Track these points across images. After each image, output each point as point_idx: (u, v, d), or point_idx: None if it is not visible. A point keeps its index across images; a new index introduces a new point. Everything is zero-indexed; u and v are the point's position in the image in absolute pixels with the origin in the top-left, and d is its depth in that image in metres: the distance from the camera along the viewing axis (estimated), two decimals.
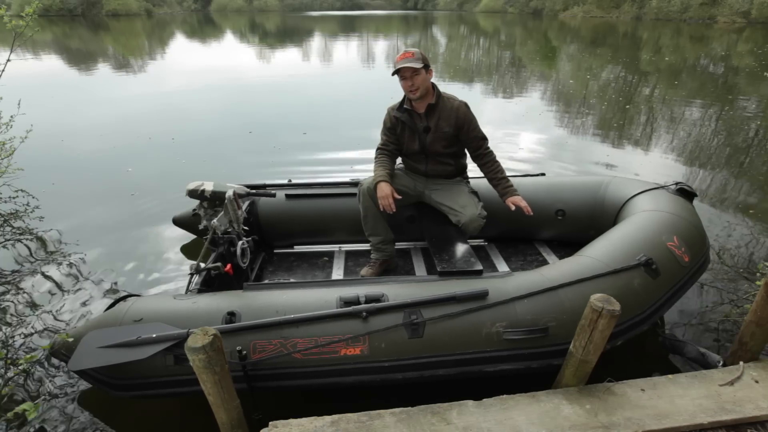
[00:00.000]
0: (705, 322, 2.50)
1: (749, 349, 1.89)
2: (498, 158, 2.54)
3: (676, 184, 2.58)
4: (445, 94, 2.41)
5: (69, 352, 1.75)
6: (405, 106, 2.42)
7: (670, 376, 1.81)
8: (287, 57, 15.46)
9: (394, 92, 2.37)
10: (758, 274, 2.82)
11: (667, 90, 8.95)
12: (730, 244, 3.25)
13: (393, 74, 2.31)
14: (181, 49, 18.03)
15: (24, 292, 2.79)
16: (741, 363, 1.86)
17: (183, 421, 1.95)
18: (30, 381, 2.13)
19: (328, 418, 1.62)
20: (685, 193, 2.55)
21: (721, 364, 2.01)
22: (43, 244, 3.34)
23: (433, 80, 2.38)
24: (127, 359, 1.61)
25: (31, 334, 2.43)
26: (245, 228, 2.37)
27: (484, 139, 2.47)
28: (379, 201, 2.36)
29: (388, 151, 2.53)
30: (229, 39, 22.83)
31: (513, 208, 2.39)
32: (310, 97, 8.50)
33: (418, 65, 2.23)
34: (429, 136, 2.43)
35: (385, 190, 2.35)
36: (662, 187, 2.58)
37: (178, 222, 3.15)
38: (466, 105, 2.40)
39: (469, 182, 2.67)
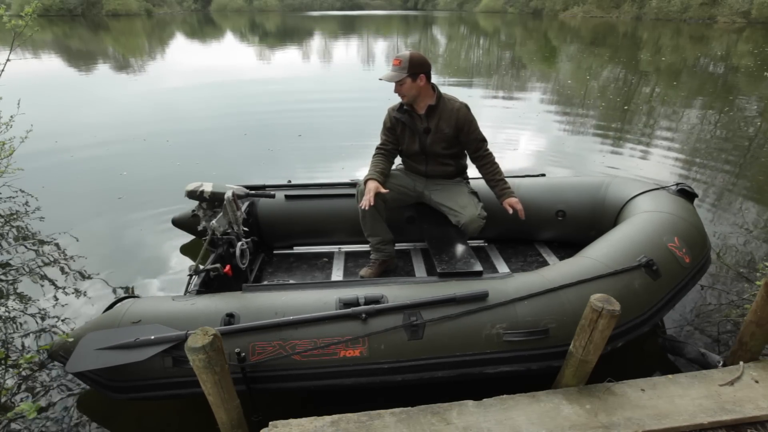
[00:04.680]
0: (705, 322, 2.50)
1: (749, 349, 1.89)
2: (497, 159, 2.54)
3: (677, 184, 2.58)
4: (446, 95, 2.40)
5: (67, 354, 1.74)
6: (405, 107, 2.42)
7: (670, 376, 1.81)
8: (285, 57, 15.45)
9: (392, 93, 2.36)
10: (758, 274, 2.82)
11: (666, 90, 8.96)
12: (729, 244, 3.25)
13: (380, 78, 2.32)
14: (180, 49, 18.02)
15: (22, 293, 2.79)
16: (741, 363, 1.86)
17: (182, 423, 1.95)
18: (29, 382, 2.13)
19: (328, 418, 1.62)
20: (686, 193, 2.54)
21: (721, 364, 2.01)
22: (40, 245, 3.34)
23: (433, 80, 2.38)
24: (125, 361, 1.60)
25: (28, 335, 2.43)
26: (244, 229, 2.37)
27: (484, 140, 2.47)
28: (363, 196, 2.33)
29: (385, 150, 2.52)
30: (229, 39, 22.83)
31: (510, 210, 2.40)
32: (307, 98, 8.48)
33: (400, 76, 2.25)
34: (429, 137, 2.43)
35: (370, 185, 2.32)
36: (663, 187, 2.58)
37: (178, 223, 3.14)
38: (466, 107, 2.40)
39: (469, 182, 2.67)
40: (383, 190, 2.35)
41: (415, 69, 2.26)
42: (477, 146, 2.46)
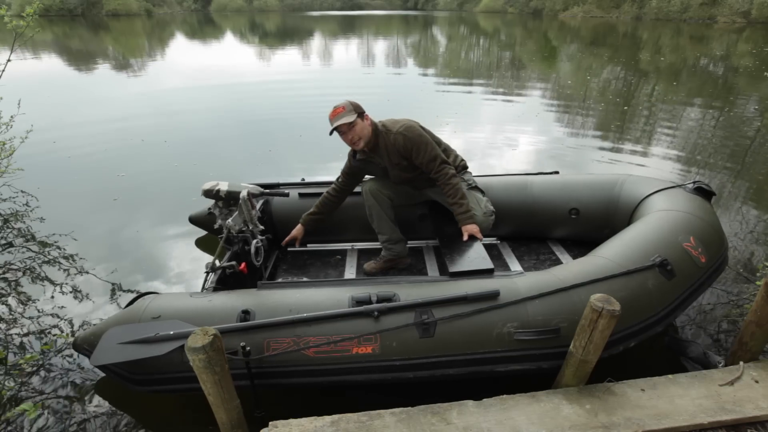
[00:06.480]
0: (705, 322, 2.49)
1: (749, 349, 1.89)
2: (496, 159, 2.52)
3: (694, 182, 2.53)
4: (382, 128, 2.35)
5: (91, 348, 1.80)
6: (358, 156, 2.44)
7: (670, 376, 1.81)
8: (285, 58, 15.44)
9: (392, 92, 2.36)
10: (758, 274, 2.82)
11: (666, 90, 8.96)
12: (730, 243, 3.24)
13: (330, 134, 2.30)
14: (180, 49, 18.01)
15: (23, 293, 2.80)
16: (741, 363, 1.86)
17: (184, 421, 1.95)
18: (30, 382, 2.14)
19: (328, 418, 1.62)
20: (703, 192, 2.49)
21: (722, 365, 2.01)
22: (40, 246, 3.35)
23: (432, 79, 2.37)
24: (145, 355, 1.65)
25: (29, 335, 2.44)
26: (260, 227, 2.40)
27: (434, 160, 2.33)
28: None
29: (338, 190, 2.58)
30: (229, 39, 22.82)
31: (465, 237, 2.31)
32: (308, 98, 8.48)
33: (351, 118, 2.20)
34: (390, 173, 2.44)
35: (293, 232, 2.65)
36: (679, 185, 2.54)
37: (194, 221, 3.19)
38: (403, 133, 2.30)
39: (468, 177, 2.61)
40: (296, 245, 2.67)
41: (359, 110, 2.25)
42: (428, 167, 2.35)
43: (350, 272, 2.73)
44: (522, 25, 31.77)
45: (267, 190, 2.45)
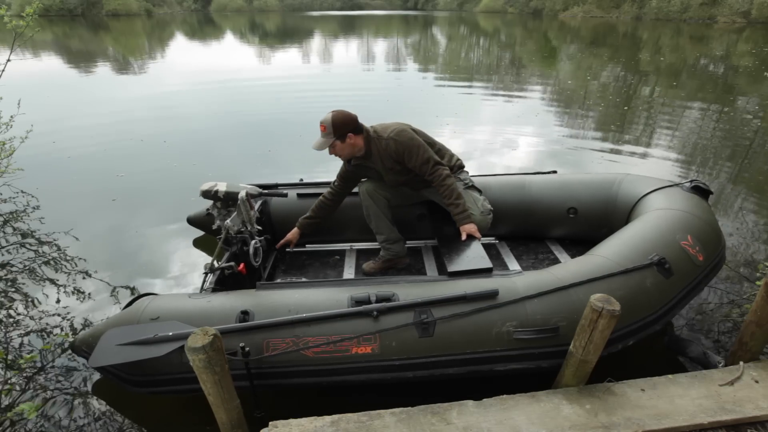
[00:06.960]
0: (705, 322, 2.49)
1: (749, 349, 1.89)
2: (496, 159, 2.52)
3: (691, 181, 2.54)
4: (374, 134, 2.35)
5: (89, 349, 1.79)
6: (353, 161, 2.46)
7: (670, 376, 1.81)
8: (285, 58, 15.44)
9: (392, 92, 2.36)
10: (758, 274, 2.82)
11: (666, 91, 8.96)
12: (729, 244, 3.25)
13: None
14: (180, 49, 18.01)
15: (24, 293, 2.80)
16: (741, 363, 1.86)
17: (184, 421, 1.95)
18: (29, 382, 2.13)
19: (327, 418, 1.62)
20: (700, 190, 2.50)
21: (722, 365, 2.01)
22: (40, 245, 3.34)
23: (432, 79, 2.37)
24: (144, 357, 1.64)
25: (30, 335, 2.44)
26: (258, 227, 2.40)
27: (427, 162, 2.34)
28: None
29: (334, 194, 2.58)
30: (228, 39, 22.82)
31: (464, 237, 2.32)
32: (307, 98, 8.47)
33: (327, 143, 2.26)
34: (385, 177, 2.45)
35: (288, 235, 2.63)
36: (676, 184, 2.55)
37: (193, 221, 3.19)
38: (395, 138, 2.31)
39: (464, 177, 2.61)
40: (291, 247, 2.65)
41: (341, 130, 2.25)
42: (422, 170, 2.35)
43: (349, 272, 2.73)
44: (522, 25, 31.77)
45: (265, 191, 2.46)
